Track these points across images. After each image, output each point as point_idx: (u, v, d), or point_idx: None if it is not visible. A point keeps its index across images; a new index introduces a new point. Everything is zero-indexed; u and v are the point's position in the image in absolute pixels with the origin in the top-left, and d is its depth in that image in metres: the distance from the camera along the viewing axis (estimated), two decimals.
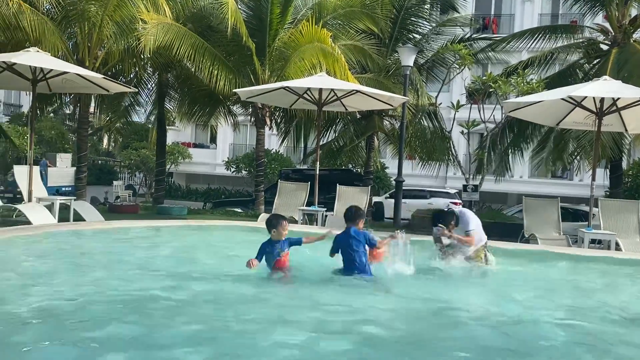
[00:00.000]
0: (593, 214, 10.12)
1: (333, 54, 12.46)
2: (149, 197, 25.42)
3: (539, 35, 15.66)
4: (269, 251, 5.35)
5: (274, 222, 5.41)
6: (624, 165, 16.03)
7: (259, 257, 5.32)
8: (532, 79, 13.83)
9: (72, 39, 13.37)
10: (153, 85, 17.41)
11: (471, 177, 15.56)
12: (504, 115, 13.61)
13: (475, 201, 13.91)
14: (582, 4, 15.05)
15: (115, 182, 25.22)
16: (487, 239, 6.70)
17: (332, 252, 5.53)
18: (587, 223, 9.86)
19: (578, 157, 15.90)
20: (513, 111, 10.53)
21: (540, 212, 10.84)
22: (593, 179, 9.77)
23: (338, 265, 5.52)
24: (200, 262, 6.38)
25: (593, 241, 9.95)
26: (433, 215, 6.66)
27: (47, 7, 12.77)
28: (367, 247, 5.48)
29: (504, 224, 12.73)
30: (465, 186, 13.36)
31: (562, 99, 9.23)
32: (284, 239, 5.39)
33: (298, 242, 5.50)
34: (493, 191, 23.17)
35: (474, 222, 6.45)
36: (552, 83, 13.93)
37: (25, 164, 13.86)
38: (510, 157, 16.23)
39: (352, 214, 5.57)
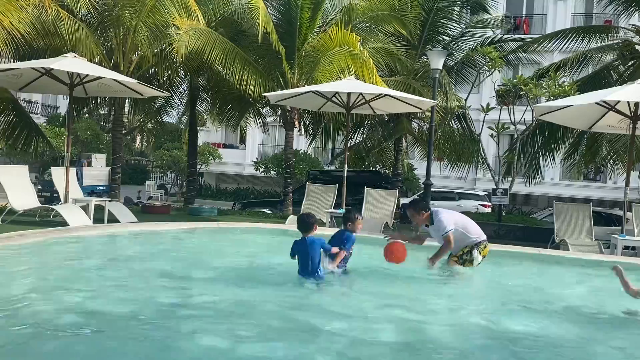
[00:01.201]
0: (627, 219, 9.94)
1: (362, 57, 12.52)
2: (180, 196, 25.93)
3: (572, 36, 15.39)
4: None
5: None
6: None
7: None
8: (564, 82, 13.62)
9: (107, 44, 13.73)
10: (185, 88, 17.75)
11: (500, 179, 15.41)
12: (534, 117, 13.44)
13: (505, 204, 13.78)
14: (617, 3, 14.74)
15: (147, 182, 25.82)
16: (519, 244, 6.58)
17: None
18: (619, 228, 9.70)
19: (612, 161, 15.58)
20: (544, 115, 10.42)
21: (571, 217, 10.69)
22: (627, 184, 9.59)
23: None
24: (238, 264, 6.53)
25: (626, 247, 9.78)
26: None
27: (83, 14, 13.18)
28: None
29: (534, 229, 12.59)
30: (494, 190, 13.23)
31: (596, 102, 9.10)
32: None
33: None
34: (523, 193, 22.86)
35: (450, 222, 6.02)
36: (585, 85, 13.71)
37: (62, 164, 14.34)
38: (541, 159, 16.01)
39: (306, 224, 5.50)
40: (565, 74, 15.20)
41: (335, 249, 5.56)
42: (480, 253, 6.11)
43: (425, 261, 6.15)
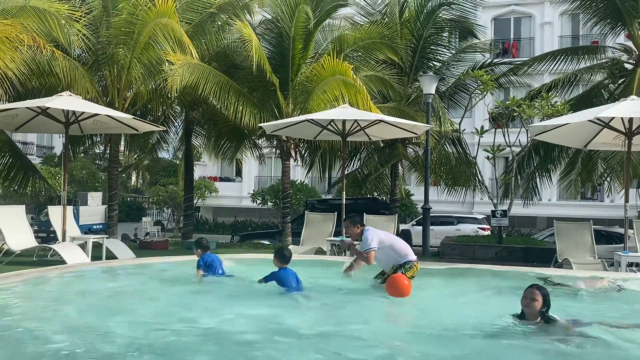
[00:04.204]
0: (628, 236, 9.90)
1: (355, 85, 12.63)
2: (177, 232, 25.74)
3: (561, 57, 15.60)
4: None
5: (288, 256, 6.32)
6: None
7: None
8: (556, 102, 13.74)
9: (101, 81, 13.83)
10: (180, 122, 17.81)
11: (499, 201, 15.36)
12: (529, 138, 13.51)
13: (505, 226, 13.71)
14: (603, 24, 14.97)
15: (144, 219, 25.59)
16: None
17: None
18: (622, 245, 9.65)
19: (608, 178, 15.61)
20: (539, 134, 10.47)
21: (572, 236, 10.65)
22: (626, 200, 9.58)
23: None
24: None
25: (630, 264, 9.70)
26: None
27: (78, 53, 13.30)
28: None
29: (536, 249, 12.50)
30: (493, 211, 13.16)
31: (590, 120, 9.16)
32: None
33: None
34: (521, 215, 22.80)
35: (374, 241, 6.45)
36: (577, 104, 13.82)
37: (58, 204, 14.26)
38: (537, 180, 16.03)
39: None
40: (557, 94, 15.36)
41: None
42: (403, 273, 6.40)
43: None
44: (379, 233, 6.69)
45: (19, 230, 10.13)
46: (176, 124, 18.01)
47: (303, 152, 17.57)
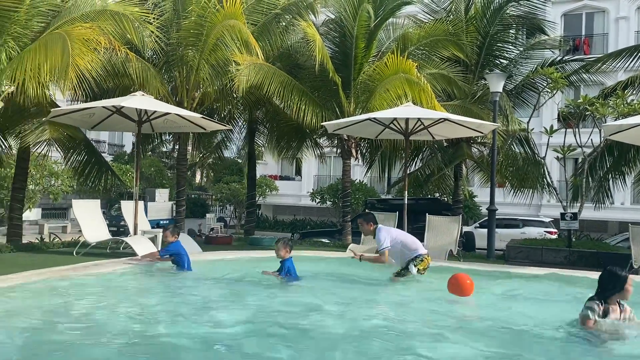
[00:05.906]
0: None
1: (419, 83, 12.47)
2: (239, 228, 26.36)
3: (638, 54, 14.78)
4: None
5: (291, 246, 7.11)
6: None
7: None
8: (632, 100, 13.04)
9: (171, 82, 14.35)
10: (244, 122, 18.20)
11: (568, 204, 14.75)
12: (602, 138, 12.88)
13: (574, 230, 13.13)
14: None
15: (207, 215, 26.39)
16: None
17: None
18: None
19: None
20: (613, 134, 9.99)
21: None
22: None
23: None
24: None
25: None
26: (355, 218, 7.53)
27: (150, 54, 13.87)
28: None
29: (609, 254, 11.92)
30: (563, 214, 12.63)
31: None
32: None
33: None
34: (591, 219, 21.83)
35: (387, 240, 7.02)
36: None
37: (128, 199, 14.91)
38: (610, 182, 15.26)
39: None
40: (634, 93, 14.57)
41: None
42: (415, 266, 7.06)
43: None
44: (391, 231, 7.27)
45: (95, 223, 10.69)
46: (240, 123, 18.42)
47: (364, 151, 17.53)
